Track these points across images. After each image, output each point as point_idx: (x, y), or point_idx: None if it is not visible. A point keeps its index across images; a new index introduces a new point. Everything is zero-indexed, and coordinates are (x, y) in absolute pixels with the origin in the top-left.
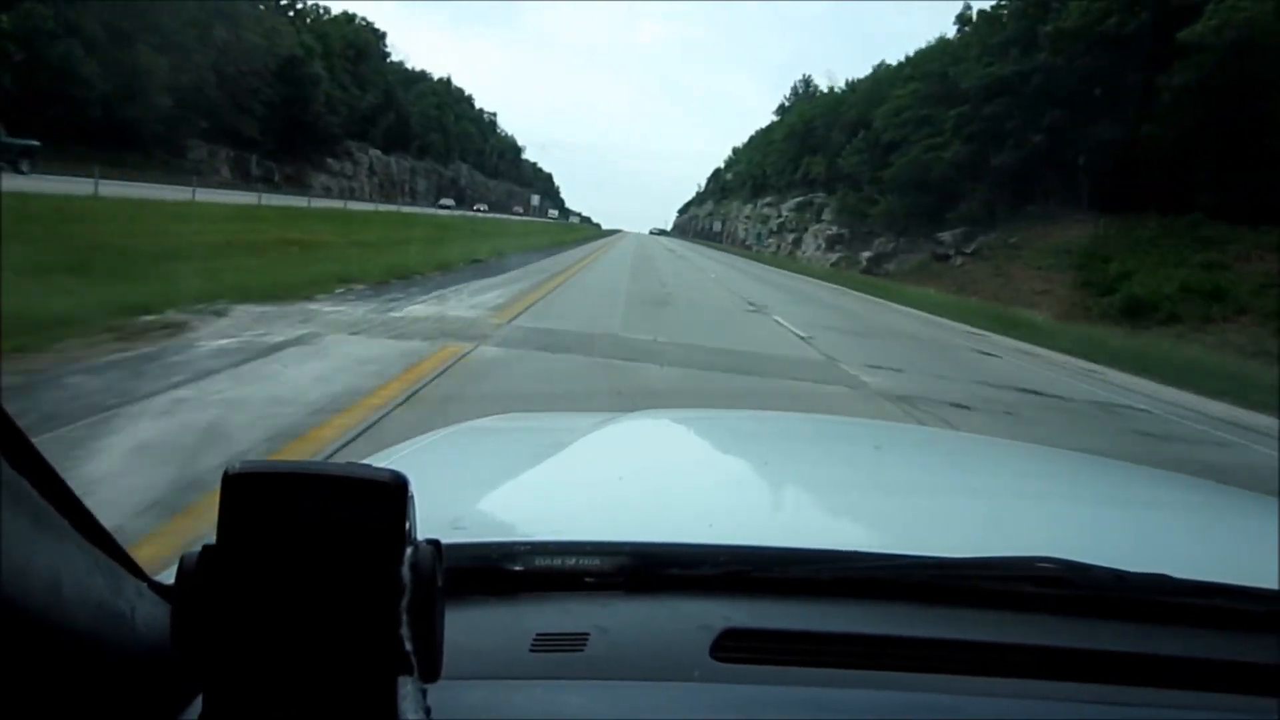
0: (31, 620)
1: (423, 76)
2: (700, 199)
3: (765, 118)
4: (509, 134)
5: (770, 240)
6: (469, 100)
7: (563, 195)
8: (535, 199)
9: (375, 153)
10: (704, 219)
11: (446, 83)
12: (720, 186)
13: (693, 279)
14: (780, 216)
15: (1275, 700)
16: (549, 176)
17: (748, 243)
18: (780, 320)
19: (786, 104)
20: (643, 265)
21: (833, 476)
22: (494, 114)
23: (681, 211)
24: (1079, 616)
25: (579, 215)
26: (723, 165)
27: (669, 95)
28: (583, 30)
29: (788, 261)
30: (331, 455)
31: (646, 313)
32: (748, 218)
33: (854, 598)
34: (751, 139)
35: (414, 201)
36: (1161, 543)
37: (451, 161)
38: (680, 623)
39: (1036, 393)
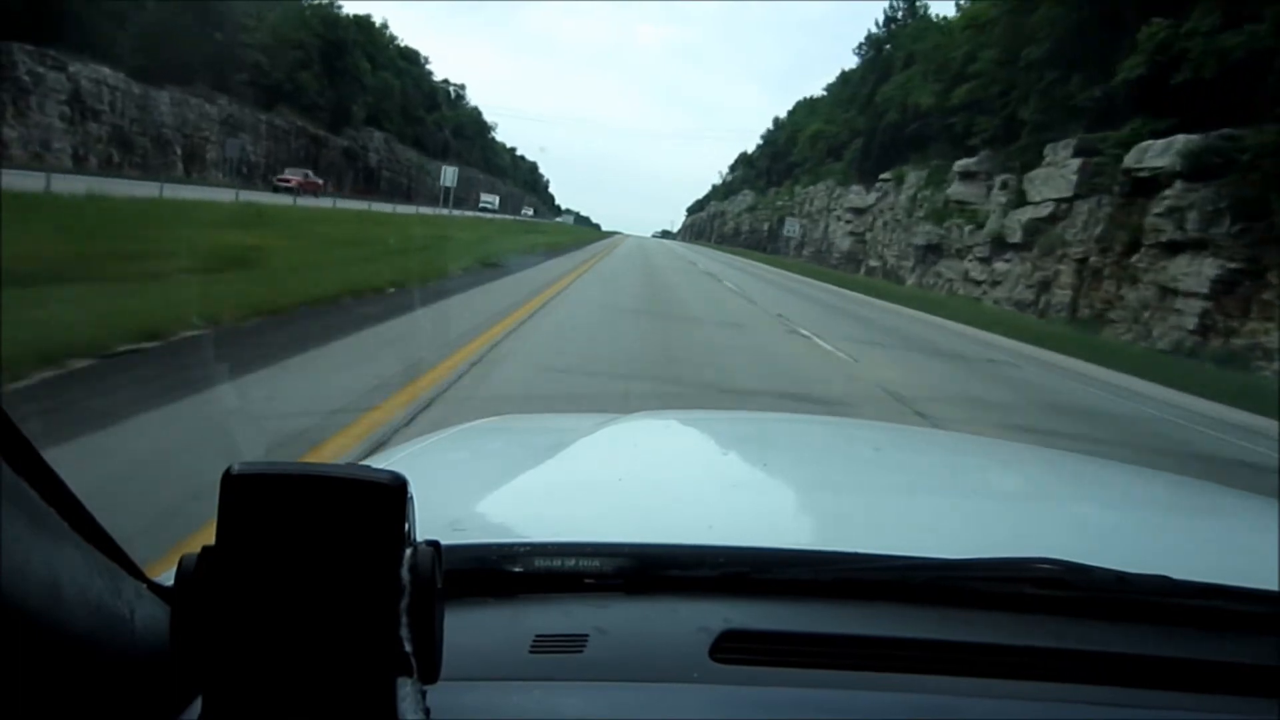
0: (30, 621)
1: (327, 6)
2: (726, 190)
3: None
4: (475, 107)
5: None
6: (404, 51)
7: (556, 192)
8: (449, 174)
9: (97, 73)
10: (738, 218)
11: (365, 21)
12: (765, 169)
13: None
14: (1042, 202)
15: (1276, 702)
16: (532, 166)
17: (871, 264)
18: None
19: (878, 32)
20: None
21: (832, 478)
22: (461, 86)
23: (693, 210)
24: (1080, 618)
25: (572, 213)
26: (760, 142)
27: (668, 98)
28: (582, 32)
29: None
30: None
31: None
32: (857, 211)
33: (853, 599)
34: (809, 101)
35: (215, 175)
36: (1162, 544)
37: (351, 125)
38: (679, 624)
39: None
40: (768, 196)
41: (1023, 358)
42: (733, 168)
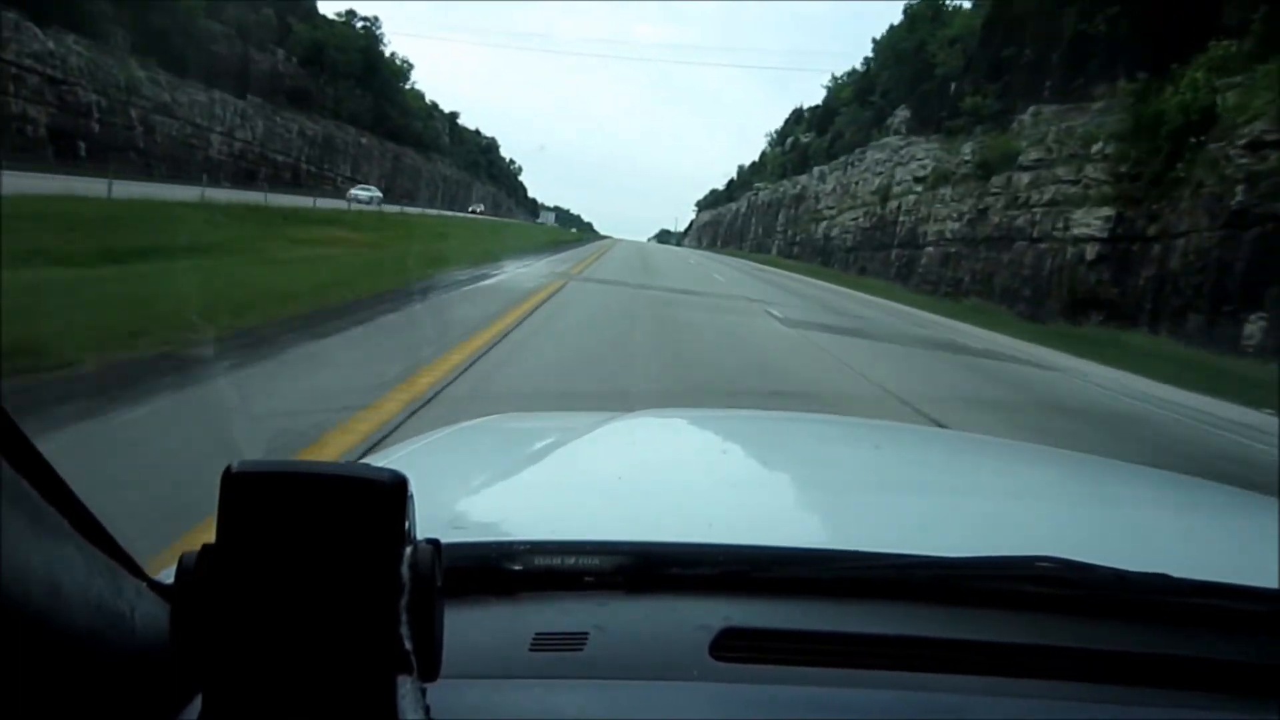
0: (30, 620)
1: None
2: (795, 160)
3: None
4: (362, 24)
5: None
6: None
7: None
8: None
9: None
10: (869, 204)
11: None
12: (930, 94)
13: None
14: None
15: (1276, 700)
16: (489, 144)
17: None
18: None
19: None
20: None
21: (832, 476)
22: (374, 19)
23: (707, 204)
24: (1079, 616)
25: (554, 211)
26: (828, 86)
27: (668, 99)
28: (579, 31)
29: None
30: None
31: None
32: None
33: (853, 597)
34: None
35: None
36: (1162, 542)
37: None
38: (679, 622)
39: None
40: (955, 141)
41: None
42: (784, 131)
